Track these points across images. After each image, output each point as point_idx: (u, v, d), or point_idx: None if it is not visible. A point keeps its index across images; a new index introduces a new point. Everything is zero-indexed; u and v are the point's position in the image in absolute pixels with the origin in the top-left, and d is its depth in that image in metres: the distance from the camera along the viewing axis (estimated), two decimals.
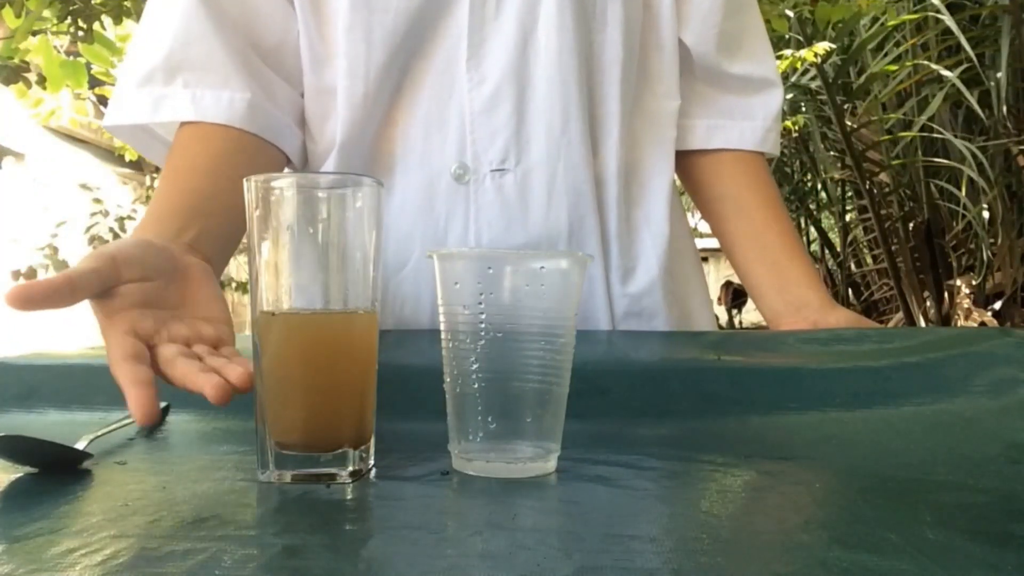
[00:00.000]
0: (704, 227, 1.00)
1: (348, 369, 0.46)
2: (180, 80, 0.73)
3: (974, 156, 2.74)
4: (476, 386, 0.44)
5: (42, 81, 2.43)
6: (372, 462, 0.47)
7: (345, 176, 0.48)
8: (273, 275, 0.45)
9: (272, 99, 0.76)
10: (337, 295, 0.46)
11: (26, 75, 2.38)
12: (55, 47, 2.39)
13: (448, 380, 0.46)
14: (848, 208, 3.81)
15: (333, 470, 0.44)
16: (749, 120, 0.91)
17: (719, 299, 7.05)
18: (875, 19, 2.96)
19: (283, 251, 0.45)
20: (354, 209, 0.46)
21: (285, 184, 0.46)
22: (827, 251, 3.95)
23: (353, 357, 0.46)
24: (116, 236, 3.31)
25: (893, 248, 3.20)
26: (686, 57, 0.88)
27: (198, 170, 0.71)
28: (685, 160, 0.92)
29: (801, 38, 2.88)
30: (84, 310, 0.52)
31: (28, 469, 0.45)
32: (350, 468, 0.44)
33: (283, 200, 0.46)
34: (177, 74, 0.73)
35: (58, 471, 0.45)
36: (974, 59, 2.65)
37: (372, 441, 0.47)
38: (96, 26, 2.34)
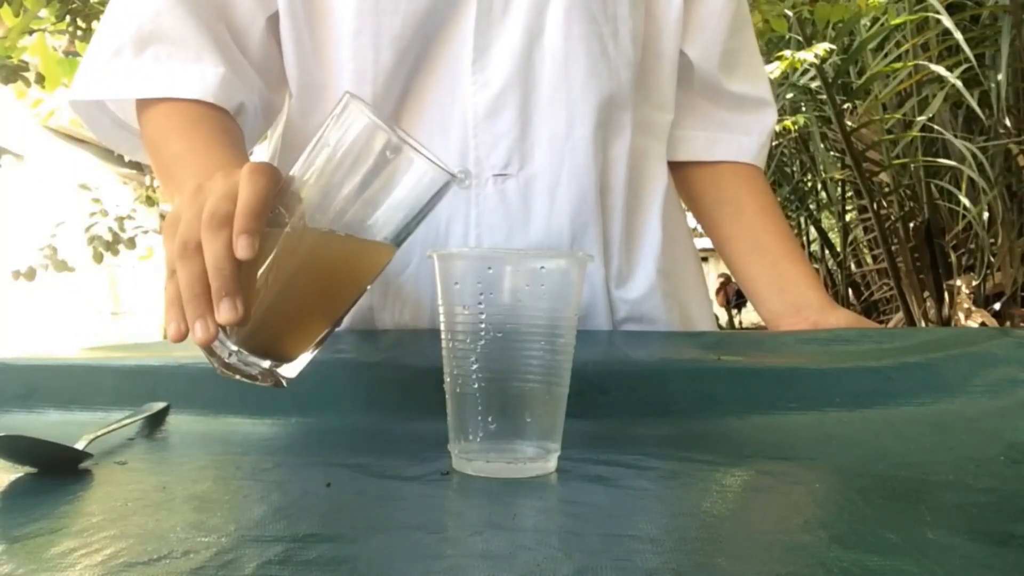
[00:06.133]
0: None
1: (338, 296, 0.48)
2: (150, 54, 0.72)
3: (974, 156, 2.74)
4: (476, 386, 0.44)
5: (40, 80, 2.42)
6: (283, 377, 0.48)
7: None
8: (320, 193, 0.46)
9: (242, 79, 0.75)
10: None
11: (24, 74, 2.38)
12: (54, 47, 2.39)
13: (448, 380, 0.46)
14: (848, 208, 3.81)
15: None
16: (746, 135, 0.93)
17: (717, 299, 7.04)
18: (875, 19, 2.97)
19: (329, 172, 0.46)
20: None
21: (355, 107, 0.46)
22: (827, 251, 3.96)
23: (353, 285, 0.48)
24: (115, 236, 3.30)
25: (893, 248, 3.21)
26: (685, 69, 0.88)
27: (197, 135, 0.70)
28: (683, 171, 0.93)
29: (801, 38, 2.89)
30: (82, 311, 0.52)
31: (28, 469, 0.45)
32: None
33: (352, 124, 0.46)
34: (147, 48, 0.72)
35: (58, 471, 0.45)
36: (972, 60, 2.65)
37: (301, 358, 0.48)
38: (95, 25, 2.34)
